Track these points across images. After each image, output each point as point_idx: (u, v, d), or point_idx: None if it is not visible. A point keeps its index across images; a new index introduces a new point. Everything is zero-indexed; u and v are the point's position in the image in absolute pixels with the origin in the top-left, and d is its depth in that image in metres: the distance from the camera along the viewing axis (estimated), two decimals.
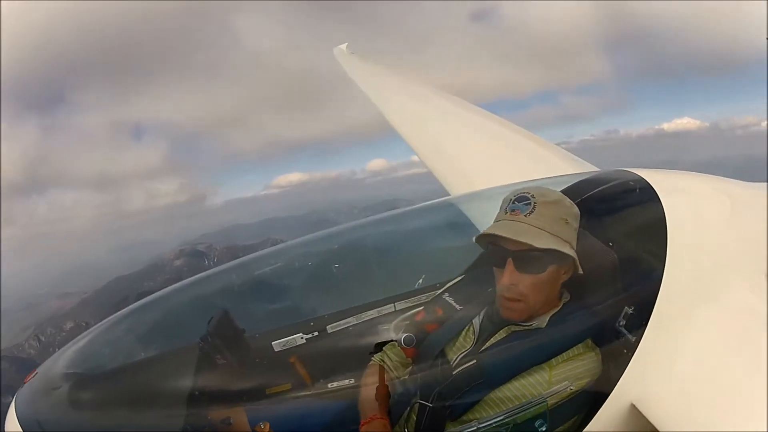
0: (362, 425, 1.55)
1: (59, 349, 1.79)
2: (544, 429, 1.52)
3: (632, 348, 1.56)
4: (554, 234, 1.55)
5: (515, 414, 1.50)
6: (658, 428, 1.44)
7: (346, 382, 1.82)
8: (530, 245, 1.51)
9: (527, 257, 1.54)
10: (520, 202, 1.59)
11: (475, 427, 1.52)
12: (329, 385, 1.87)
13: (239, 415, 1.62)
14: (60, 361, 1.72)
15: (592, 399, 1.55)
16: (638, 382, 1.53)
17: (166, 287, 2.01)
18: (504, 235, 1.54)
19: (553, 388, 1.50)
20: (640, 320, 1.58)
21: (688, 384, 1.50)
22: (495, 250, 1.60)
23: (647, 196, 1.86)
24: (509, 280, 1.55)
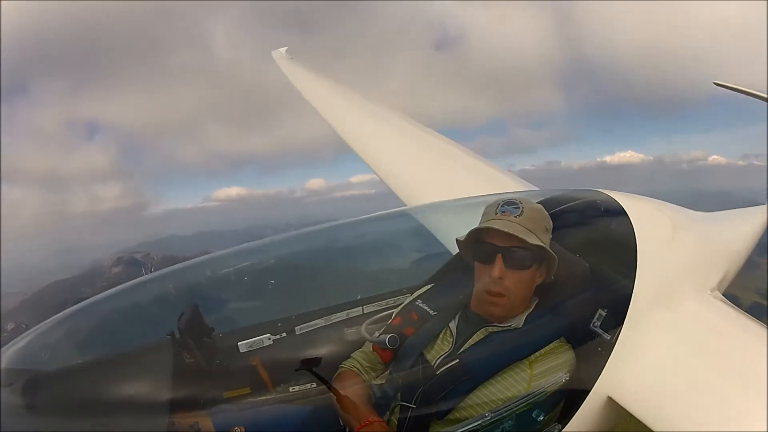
0: (359, 429, 1.50)
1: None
2: (541, 419, 1.57)
3: (608, 346, 1.67)
4: (538, 237, 1.65)
5: (511, 407, 1.54)
6: (635, 414, 1.58)
7: (314, 385, 1.74)
8: (523, 240, 1.60)
9: (516, 253, 1.62)
10: (509, 205, 1.68)
11: (478, 422, 1.54)
12: (294, 389, 1.80)
13: (205, 420, 1.52)
14: (6, 358, 1.52)
15: (573, 395, 1.64)
16: (614, 377, 1.64)
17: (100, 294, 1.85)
18: (503, 229, 1.61)
19: (535, 383, 1.56)
20: (615, 321, 1.71)
21: (656, 376, 1.65)
22: (483, 246, 1.66)
23: (616, 212, 2.02)
24: (498, 273, 1.62)
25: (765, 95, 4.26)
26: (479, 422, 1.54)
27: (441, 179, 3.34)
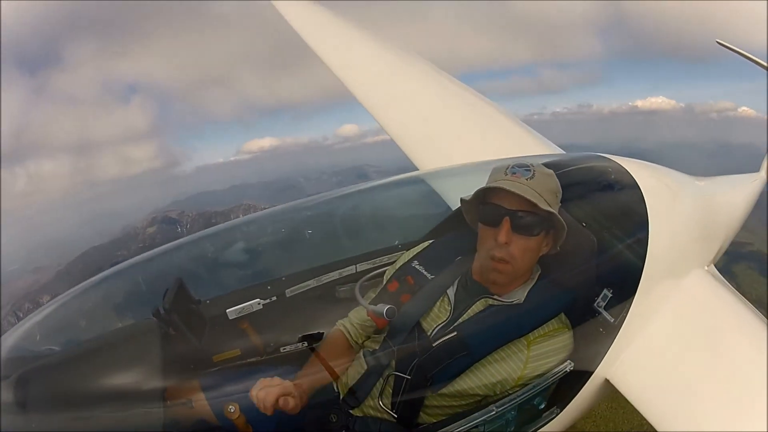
0: None
1: None
2: (542, 406, 1.58)
3: (612, 328, 1.64)
4: (549, 203, 1.57)
5: (506, 388, 1.53)
6: (630, 400, 1.58)
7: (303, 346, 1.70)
8: (534, 204, 1.52)
9: (525, 218, 1.55)
10: (520, 167, 1.59)
11: (474, 400, 1.54)
12: (284, 349, 1.76)
13: (198, 394, 1.48)
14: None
15: (573, 378, 1.61)
16: (615, 361, 1.64)
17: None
18: (514, 190, 1.52)
19: (531, 365, 1.53)
20: (621, 302, 1.66)
21: (655, 364, 1.64)
22: (490, 208, 1.58)
23: (625, 180, 1.92)
24: (504, 237, 1.54)
25: (764, 62, 4.21)
26: (476, 401, 1.54)
27: (461, 140, 3.07)
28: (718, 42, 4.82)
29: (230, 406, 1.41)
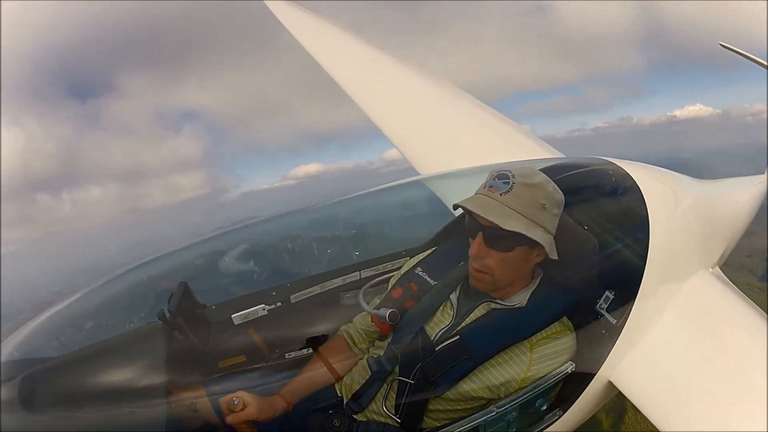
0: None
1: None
2: (544, 408, 1.58)
3: (614, 330, 1.64)
4: (526, 217, 1.53)
5: (509, 391, 1.52)
6: (633, 401, 1.58)
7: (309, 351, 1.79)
8: (496, 225, 1.51)
9: (495, 234, 1.54)
10: (499, 179, 1.57)
11: (478, 403, 1.54)
12: (289, 356, 1.82)
13: (202, 399, 1.51)
14: (6, 348, 1.48)
15: (576, 380, 1.62)
16: (618, 362, 1.63)
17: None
18: (473, 210, 1.53)
19: (535, 367, 1.53)
20: (623, 304, 1.66)
21: (659, 366, 1.64)
22: (470, 220, 1.60)
23: (627, 184, 1.92)
24: (476, 252, 1.56)
25: (765, 63, 4.21)
26: (479, 404, 1.54)
27: (462, 144, 3.09)
28: (721, 44, 4.83)
29: (234, 399, 1.44)
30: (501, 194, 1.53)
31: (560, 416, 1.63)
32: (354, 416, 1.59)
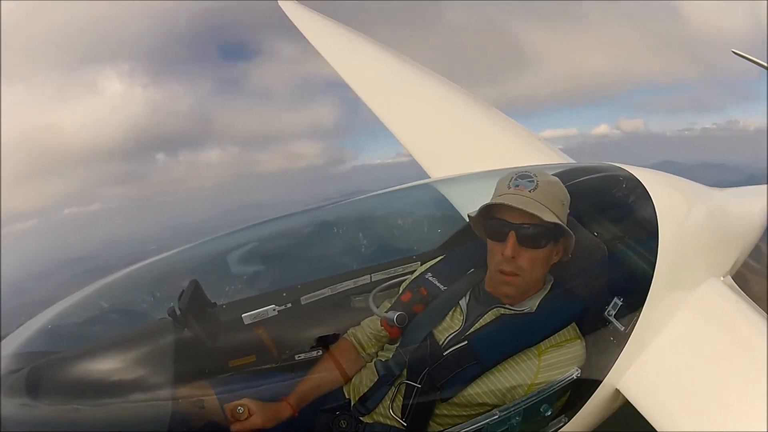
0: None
1: None
2: (549, 413, 1.57)
3: (622, 337, 1.63)
4: (554, 212, 1.57)
5: (516, 397, 1.53)
6: (641, 410, 1.56)
7: (318, 354, 1.79)
8: (538, 217, 1.52)
9: (530, 231, 1.55)
10: (523, 179, 1.59)
11: (485, 409, 1.54)
12: (299, 357, 1.82)
13: (210, 397, 1.53)
14: (17, 341, 1.51)
15: (582, 388, 1.62)
16: (626, 370, 1.63)
17: None
18: (515, 205, 1.53)
19: (542, 374, 1.54)
20: (631, 311, 1.66)
21: (667, 375, 1.63)
22: (495, 223, 1.59)
23: (637, 190, 1.92)
24: (511, 252, 1.55)
25: None
26: (485, 410, 1.54)
27: (470, 147, 3.10)
28: (734, 52, 4.77)
29: (239, 407, 1.45)
30: (530, 191, 1.55)
31: (565, 423, 1.62)
32: (361, 418, 1.61)
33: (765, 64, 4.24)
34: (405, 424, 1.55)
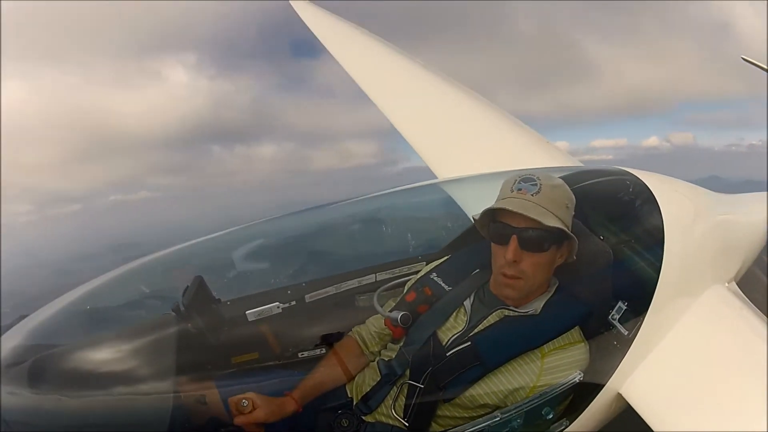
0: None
1: None
2: (551, 417, 1.57)
3: (625, 341, 1.63)
4: (558, 216, 1.57)
5: (518, 399, 1.53)
6: (643, 416, 1.56)
7: (322, 351, 1.82)
8: (538, 222, 1.52)
9: (532, 235, 1.55)
10: (526, 182, 1.60)
11: (487, 411, 1.55)
12: (302, 355, 1.85)
13: (213, 393, 1.55)
14: (20, 334, 1.51)
15: (585, 391, 1.62)
16: (628, 375, 1.63)
17: None
18: (516, 210, 1.53)
19: (545, 377, 1.54)
20: (635, 315, 1.66)
21: (670, 380, 1.63)
22: (498, 227, 1.60)
23: (644, 195, 1.91)
24: (513, 256, 1.55)
25: None
26: (488, 411, 1.55)
27: (478, 149, 3.10)
28: (743, 58, 4.72)
29: (243, 400, 1.47)
30: (532, 195, 1.56)
31: (567, 426, 1.62)
32: (363, 417, 1.62)
33: None
34: (407, 425, 1.56)
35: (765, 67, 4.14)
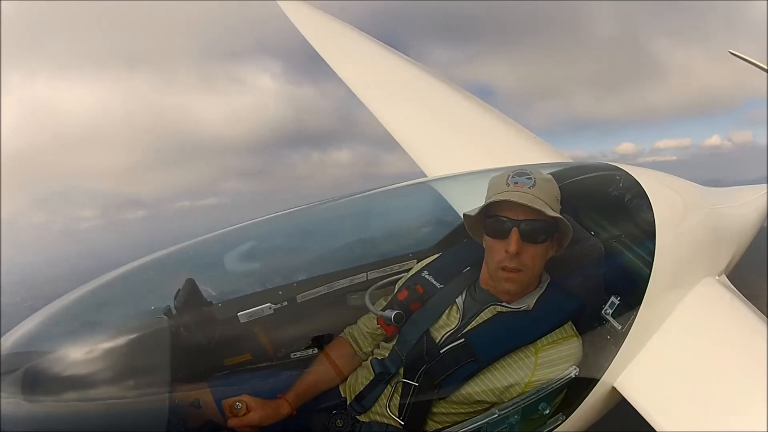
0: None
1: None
2: (547, 412, 1.56)
3: (619, 336, 1.64)
4: (552, 208, 1.58)
5: (513, 395, 1.53)
6: (638, 408, 1.57)
7: (314, 352, 1.80)
8: (542, 212, 1.52)
9: (533, 226, 1.55)
10: (521, 176, 1.59)
11: (482, 407, 1.54)
12: (295, 356, 1.83)
13: (206, 396, 1.54)
14: (14, 340, 1.48)
15: (580, 386, 1.62)
16: (622, 368, 1.64)
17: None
18: (521, 201, 1.52)
19: (539, 372, 1.54)
20: (628, 310, 1.66)
21: (663, 372, 1.64)
22: (496, 221, 1.58)
23: (634, 189, 1.92)
24: (516, 248, 1.54)
25: None
26: (483, 407, 1.54)
27: (467, 146, 3.10)
28: (730, 52, 4.79)
29: (237, 403, 1.46)
30: (529, 188, 1.56)
31: (563, 421, 1.62)
32: (357, 417, 1.60)
33: (764, 66, 4.24)
34: (402, 423, 1.55)
35: (753, 61, 4.19)
